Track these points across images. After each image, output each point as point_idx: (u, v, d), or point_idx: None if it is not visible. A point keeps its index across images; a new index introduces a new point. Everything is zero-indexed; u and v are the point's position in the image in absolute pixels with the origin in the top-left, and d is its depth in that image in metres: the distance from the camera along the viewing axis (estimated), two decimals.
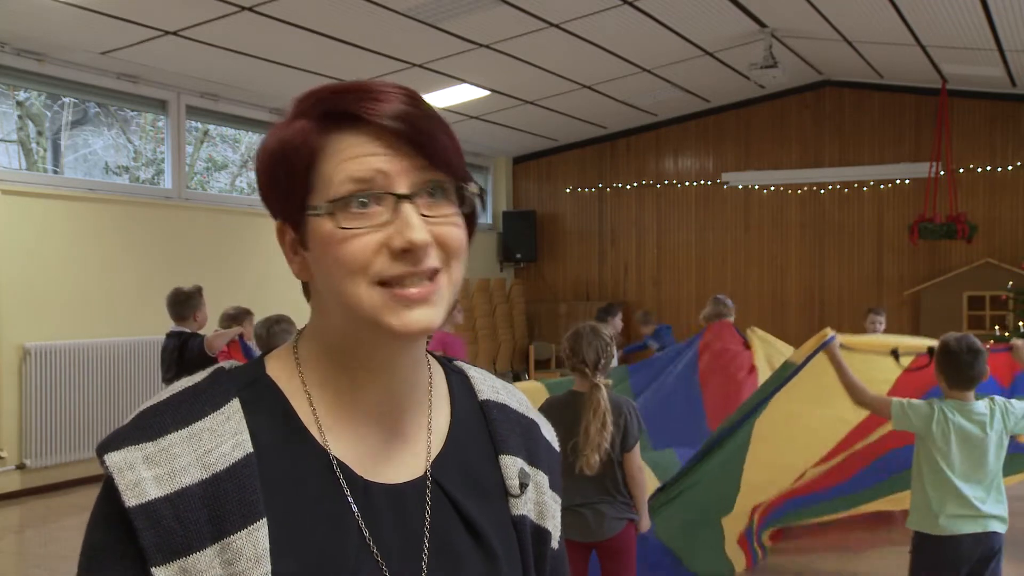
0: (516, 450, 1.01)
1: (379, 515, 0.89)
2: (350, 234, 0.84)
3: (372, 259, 0.84)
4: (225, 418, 0.86)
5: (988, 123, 11.14)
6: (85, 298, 7.58)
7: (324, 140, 0.87)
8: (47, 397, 7.31)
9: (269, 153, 0.89)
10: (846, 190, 11.86)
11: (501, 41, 8.48)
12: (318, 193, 0.86)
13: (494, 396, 1.04)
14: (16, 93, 7.84)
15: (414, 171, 0.86)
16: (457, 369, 1.05)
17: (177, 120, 8.66)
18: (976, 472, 3.39)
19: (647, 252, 12.98)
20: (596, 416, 3.45)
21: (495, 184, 13.58)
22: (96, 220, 7.74)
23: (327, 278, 0.87)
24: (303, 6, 7.00)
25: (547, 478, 1.04)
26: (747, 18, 8.69)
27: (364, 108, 0.85)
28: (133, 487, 0.80)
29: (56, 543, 6.06)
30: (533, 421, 1.06)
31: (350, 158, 0.85)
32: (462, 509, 0.94)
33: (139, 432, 0.84)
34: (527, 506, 1.00)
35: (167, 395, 0.88)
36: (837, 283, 11.96)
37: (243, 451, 0.84)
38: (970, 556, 3.35)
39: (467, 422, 1.00)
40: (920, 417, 3.42)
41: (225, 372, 0.90)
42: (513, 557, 0.97)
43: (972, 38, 8.62)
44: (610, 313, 7.49)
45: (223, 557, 0.80)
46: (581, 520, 3.51)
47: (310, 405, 0.90)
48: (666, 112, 12.27)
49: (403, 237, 0.83)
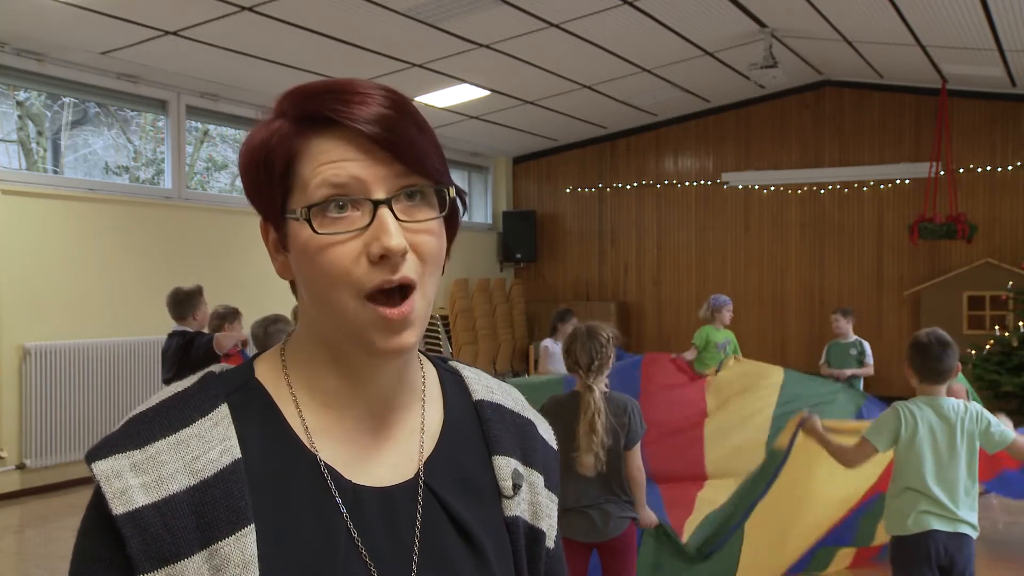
0: (510, 450, 1.00)
1: (368, 518, 0.88)
2: (328, 241, 0.84)
3: (351, 268, 0.84)
4: (213, 424, 0.85)
5: (988, 123, 11.14)
6: (85, 298, 7.58)
7: (301, 142, 0.86)
8: (47, 397, 7.31)
9: (249, 153, 0.89)
10: (846, 190, 11.86)
11: (501, 41, 8.48)
12: (296, 196, 0.86)
13: (488, 396, 1.03)
14: (16, 93, 7.84)
15: (391, 176, 0.85)
16: (451, 369, 1.04)
17: (177, 120, 8.66)
18: (946, 471, 3.37)
19: (647, 252, 12.98)
20: (585, 418, 3.46)
21: (495, 184, 13.58)
22: (96, 220, 7.74)
23: (309, 283, 0.87)
24: (303, 6, 7.00)
25: (542, 478, 1.03)
26: (747, 18, 8.69)
27: (340, 112, 0.85)
28: (120, 495, 0.80)
29: (56, 543, 6.06)
30: (529, 420, 1.06)
31: (326, 163, 0.85)
32: (453, 512, 0.93)
33: (127, 439, 0.83)
34: (521, 507, 0.99)
35: (156, 401, 0.87)
36: (837, 283, 11.96)
37: (231, 457, 0.84)
38: (939, 553, 3.33)
39: (460, 422, 0.99)
40: (892, 426, 3.43)
41: (214, 376, 0.90)
42: (505, 559, 0.96)
43: (972, 38, 8.62)
44: (563, 320, 7.48)
45: (211, 563, 0.80)
46: (587, 520, 3.51)
47: (297, 409, 0.90)
48: (666, 112, 12.27)
49: (380, 243, 0.83)
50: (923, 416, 3.40)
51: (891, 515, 3.47)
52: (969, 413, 3.43)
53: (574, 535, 3.48)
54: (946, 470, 3.37)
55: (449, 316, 12.01)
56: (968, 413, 3.43)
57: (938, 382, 3.45)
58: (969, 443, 3.40)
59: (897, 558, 3.45)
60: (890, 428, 3.43)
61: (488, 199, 13.58)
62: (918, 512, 3.36)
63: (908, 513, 3.37)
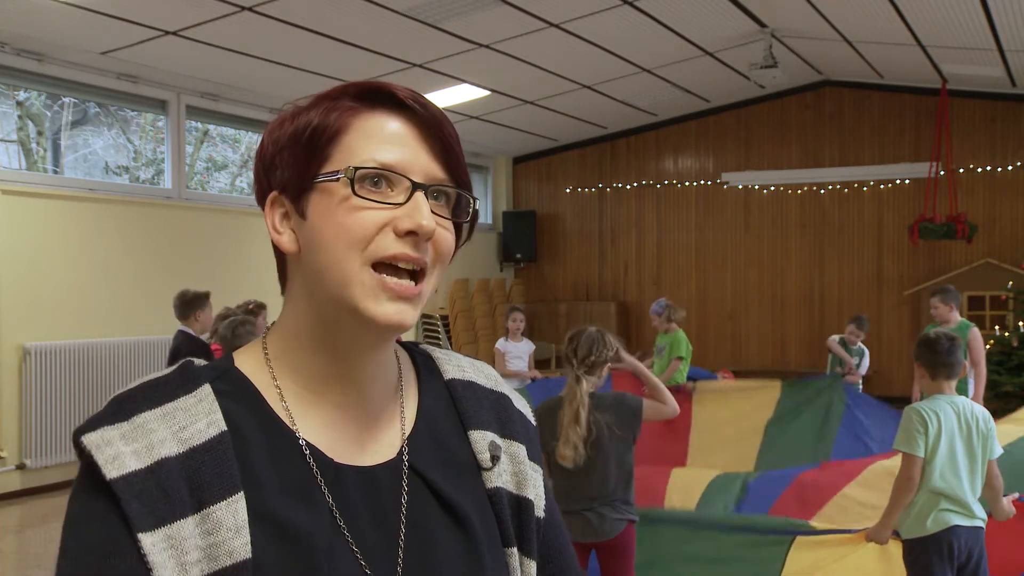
0: (485, 424, 1.01)
1: (351, 497, 0.90)
2: (362, 204, 0.87)
3: (374, 234, 0.88)
4: (197, 400, 0.86)
5: (988, 123, 11.14)
6: (85, 298, 7.58)
7: (356, 117, 0.91)
8: (47, 397, 7.31)
9: (297, 119, 0.92)
10: (846, 190, 11.86)
11: (501, 41, 8.48)
12: (335, 164, 0.90)
13: (459, 374, 1.04)
14: (16, 93, 7.84)
15: (433, 169, 0.91)
16: (422, 352, 1.06)
17: (177, 120, 8.66)
18: (966, 468, 3.36)
19: (647, 252, 12.98)
20: (571, 407, 3.43)
21: (495, 184, 13.58)
22: (96, 220, 7.74)
23: (320, 248, 0.89)
24: (303, 6, 7.00)
25: (523, 448, 1.04)
26: (747, 18, 8.69)
27: (403, 96, 0.91)
28: (112, 460, 0.81)
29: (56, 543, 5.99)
30: (503, 394, 1.07)
31: (378, 139, 0.90)
32: (437, 488, 0.94)
33: (113, 414, 0.84)
34: (502, 478, 1.00)
35: (138, 383, 0.88)
36: (837, 283, 11.96)
37: (218, 428, 0.85)
38: (960, 548, 3.32)
39: (435, 403, 1.01)
40: (921, 428, 3.35)
41: (193, 364, 0.91)
42: (492, 531, 0.97)
43: (972, 38, 8.62)
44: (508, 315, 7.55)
45: (203, 527, 0.81)
46: (583, 521, 3.51)
47: (279, 392, 0.92)
48: (666, 112, 12.27)
49: (412, 220, 0.87)
50: (945, 415, 3.38)
51: (909, 518, 3.43)
52: (983, 414, 3.45)
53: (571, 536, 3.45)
54: (966, 467, 3.37)
55: (449, 316, 12.01)
56: (983, 414, 3.44)
57: (950, 377, 3.45)
58: (983, 443, 3.42)
59: (917, 559, 3.39)
60: (920, 430, 3.37)
61: (488, 199, 13.58)
62: (938, 511, 3.34)
63: (928, 514, 3.35)
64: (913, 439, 3.37)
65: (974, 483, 3.38)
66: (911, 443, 3.37)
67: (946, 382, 3.45)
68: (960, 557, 3.34)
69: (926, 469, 3.38)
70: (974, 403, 3.49)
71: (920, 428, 3.37)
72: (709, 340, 12.42)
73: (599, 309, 12.43)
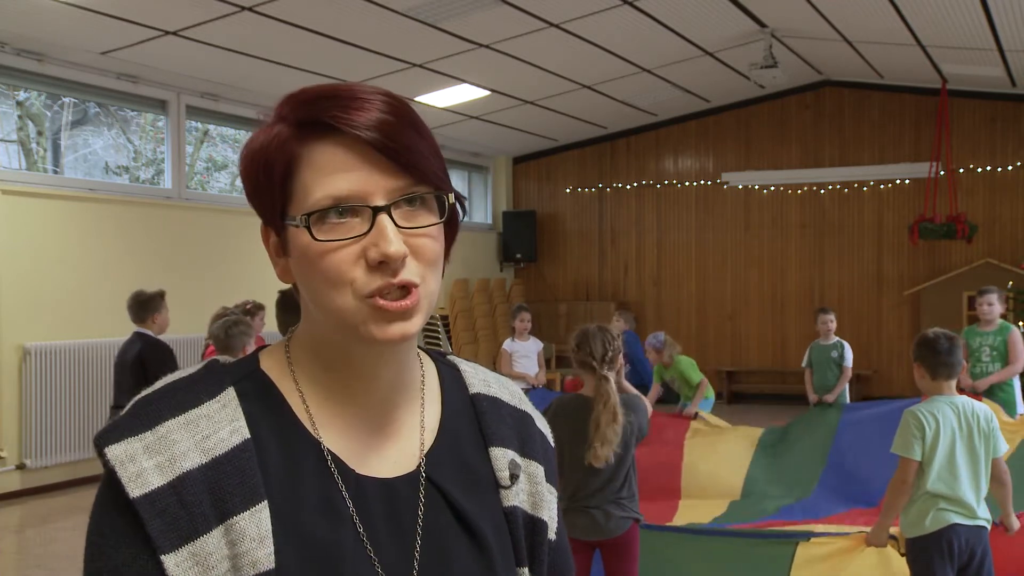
0: (507, 442, 1.01)
1: (371, 508, 0.89)
2: (327, 248, 0.85)
3: (351, 271, 0.85)
4: (221, 406, 0.86)
5: (988, 123, 11.14)
6: (85, 298, 7.57)
7: (301, 148, 0.87)
8: (47, 397, 7.31)
9: (250, 159, 0.90)
10: (846, 190, 11.86)
11: (501, 41, 8.48)
12: (296, 203, 0.87)
13: (485, 389, 1.04)
14: (16, 93, 7.85)
15: (391, 182, 0.86)
16: (449, 364, 1.05)
17: (177, 120, 8.66)
18: (967, 470, 3.35)
19: (647, 252, 12.98)
20: (607, 408, 3.39)
21: (495, 184, 13.58)
22: (96, 220, 7.74)
23: (310, 288, 0.88)
24: (303, 6, 7.00)
25: (542, 469, 1.04)
26: (747, 18, 8.69)
27: (340, 119, 0.85)
28: (136, 478, 0.81)
29: (56, 543, 6.06)
30: (526, 413, 1.06)
31: (327, 172, 0.85)
32: (454, 503, 0.94)
33: (136, 422, 0.84)
34: (519, 497, 1.00)
35: (161, 385, 0.88)
36: (837, 283, 11.96)
37: (241, 436, 0.85)
38: (961, 547, 3.32)
39: (458, 416, 1.00)
40: (918, 432, 3.36)
41: (220, 364, 0.91)
42: (506, 548, 0.97)
43: (972, 38, 8.62)
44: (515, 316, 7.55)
45: (228, 538, 0.81)
46: (589, 519, 3.49)
47: (302, 399, 0.91)
48: (666, 112, 12.27)
49: (378, 249, 0.84)
50: (944, 416, 3.37)
51: (909, 518, 3.43)
52: (984, 412, 3.43)
53: (576, 534, 3.44)
54: (967, 467, 3.36)
55: (449, 316, 12.01)
56: (984, 412, 3.43)
57: (950, 377, 3.44)
58: (985, 442, 3.41)
59: (917, 558, 3.39)
60: (916, 435, 3.37)
61: (488, 199, 13.58)
62: (936, 510, 3.34)
63: (926, 513, 3.35)
64: (909, 443, 3.38)
65: (977, 483, 3.37)
66: (907, 447, 3.38)
67: (946, 382, 3.45)
68: (962, 556, 3.33)
69: (923, 472, 3.38)
70: (975, 402, 3.49)
71: (917, 432, 3.37)
72: (709, 340, 12.42)
73: (599, 309, 12.42)
